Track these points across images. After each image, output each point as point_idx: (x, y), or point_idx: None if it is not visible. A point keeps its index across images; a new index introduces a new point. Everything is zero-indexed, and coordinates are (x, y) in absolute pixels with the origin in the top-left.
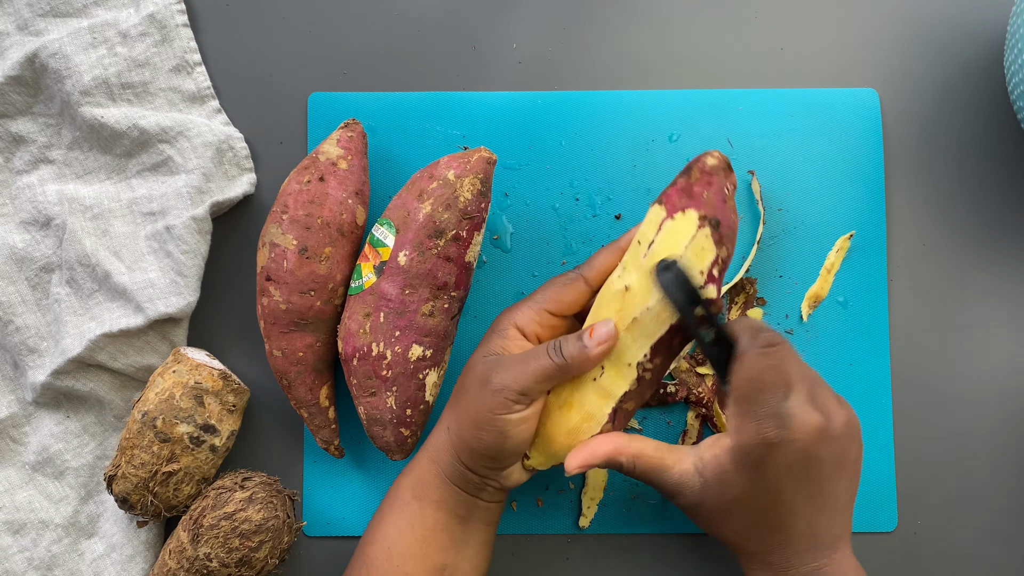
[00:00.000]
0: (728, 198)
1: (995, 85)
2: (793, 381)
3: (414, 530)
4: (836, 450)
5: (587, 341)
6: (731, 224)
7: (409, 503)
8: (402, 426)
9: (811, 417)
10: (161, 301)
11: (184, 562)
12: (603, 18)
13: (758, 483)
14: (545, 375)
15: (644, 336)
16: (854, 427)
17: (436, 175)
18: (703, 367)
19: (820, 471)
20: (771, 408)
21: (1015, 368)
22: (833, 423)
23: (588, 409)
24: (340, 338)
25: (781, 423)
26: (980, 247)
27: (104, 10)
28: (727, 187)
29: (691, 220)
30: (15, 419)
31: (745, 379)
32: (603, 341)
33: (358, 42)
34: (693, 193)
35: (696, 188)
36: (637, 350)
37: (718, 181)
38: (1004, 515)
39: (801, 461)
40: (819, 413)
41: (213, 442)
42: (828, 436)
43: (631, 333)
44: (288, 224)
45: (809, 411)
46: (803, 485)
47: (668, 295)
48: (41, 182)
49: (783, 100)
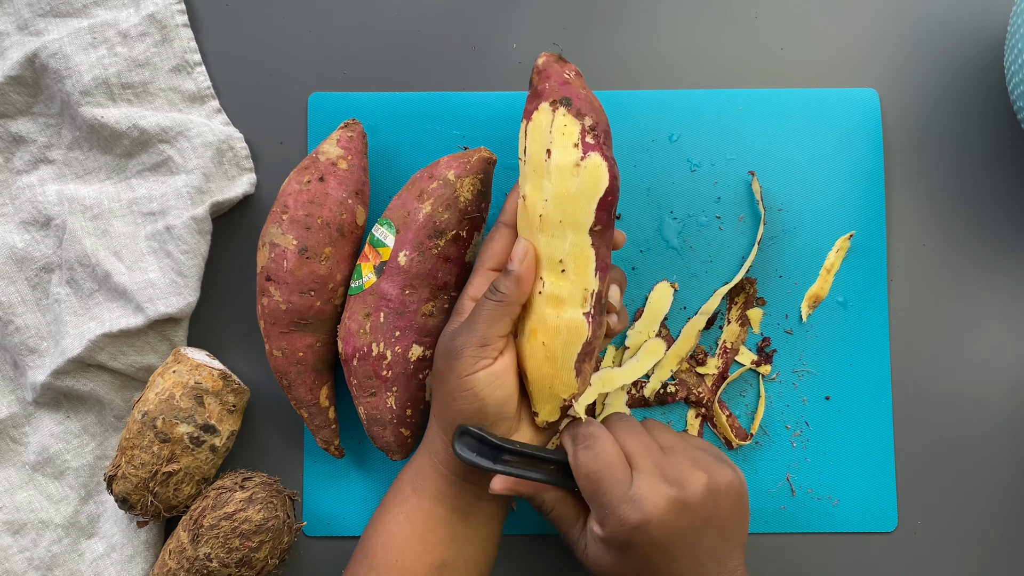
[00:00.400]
0: (572, 80)
1: (995, 85)
2: (634, 459)
3: (412, 524)
4: (700, 515)
5: (510, 266)
6: (583, 96)
7: (408, 497)
8: (402, 426)
9: (661, 493)
10: (161, 301)
11: (184, 562)
12: (603, 18)
13: (629, 564)
14: (492, 316)
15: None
16: (718, 486)
17: (436, 175)
18: (703, 367)
19: (687, 539)
20: (618, 496)
21: (1015, 368)
22: (688, 491)
23: (551, 324)
24: (340, 338)
25: (633, 507)
26: (980, 247)
27: (104, 10)
28: (566, 73)
29: (544, 111)
30: (15, 419)
31: (582, 478)
32: (522, 257)
33: (358, 42)
34: (537, 92)
35: (538, 87)
36: (560, 244)
37: (554, 71)
38: (1004, 515)
39: (664, 535)
40: (669, 486)
41: (213, 442)
42: (685, 506)
43: (545, 233)
44: (288, 224)
45: (658, 487)
46: (674, 555)
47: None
48: (41, 182)
49: (783, 100)
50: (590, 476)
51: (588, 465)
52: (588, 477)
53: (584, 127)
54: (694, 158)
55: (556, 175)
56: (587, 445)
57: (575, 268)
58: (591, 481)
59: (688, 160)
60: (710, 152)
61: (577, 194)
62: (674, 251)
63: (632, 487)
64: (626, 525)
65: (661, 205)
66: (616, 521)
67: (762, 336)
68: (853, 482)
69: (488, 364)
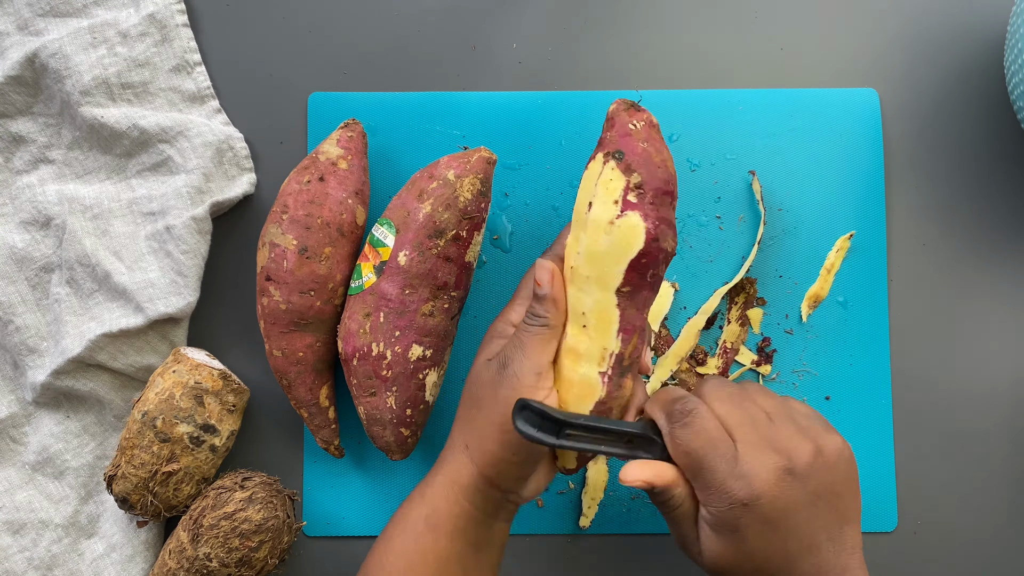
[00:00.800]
0: (635, 131)
1: (995, 85)
2: (736, 432)
3: (427, 564)
4: (811, 486)
5: (537, 290)
6: (639, 151)
7: (423, 534)
8: (402, 426)
9: (769, 466)
10: (161, 301)
11: (184, 562)
12: (603, 18)
13: (745, 546)
14: (543, 341)
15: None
16: (828, 454)
17: (436, 175)
18: (703, 367)
19: (800, 513)
20: (723, 473)
21: (1015, 368)
22: (798, 461)
23: (566, 375)
24: (340, 338)
25: (742, 484)
26: (980, 247)
27: (104, 10)
28: (632, 123)
29: (597, 161)
30: (15, 419)
31: (682, 456)
32: (549, 280)
33: (358, 42)
34: (601, 141)
35: (603, 135)
36: (585, 299)
37: (620, 120)
38: (1004, 515)
39: (777, 511)
40: (778, 457)
41: (213, 442)
42: (796, 477)
43: (573, 285)
44: (288, 224)
45: (765, 460)
46: (789, 532)
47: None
48: (41, 182)
49: (783, 100)
50: (691, 455)
51: (688, 443)
52: (689, 456)
53: (629, 184)
54: (694, 158)
55: (591, 229)
56: (685, 422)
57: (596, 326)
58: (693, 460)
59: (688, 160)
60: (710, 152)
61: (607, 252)
62: None
63: (738, 463)
64: (735, 504)
65: None
66: (724, 500)
67: (762, 336)
68: None
69: (546, 394)
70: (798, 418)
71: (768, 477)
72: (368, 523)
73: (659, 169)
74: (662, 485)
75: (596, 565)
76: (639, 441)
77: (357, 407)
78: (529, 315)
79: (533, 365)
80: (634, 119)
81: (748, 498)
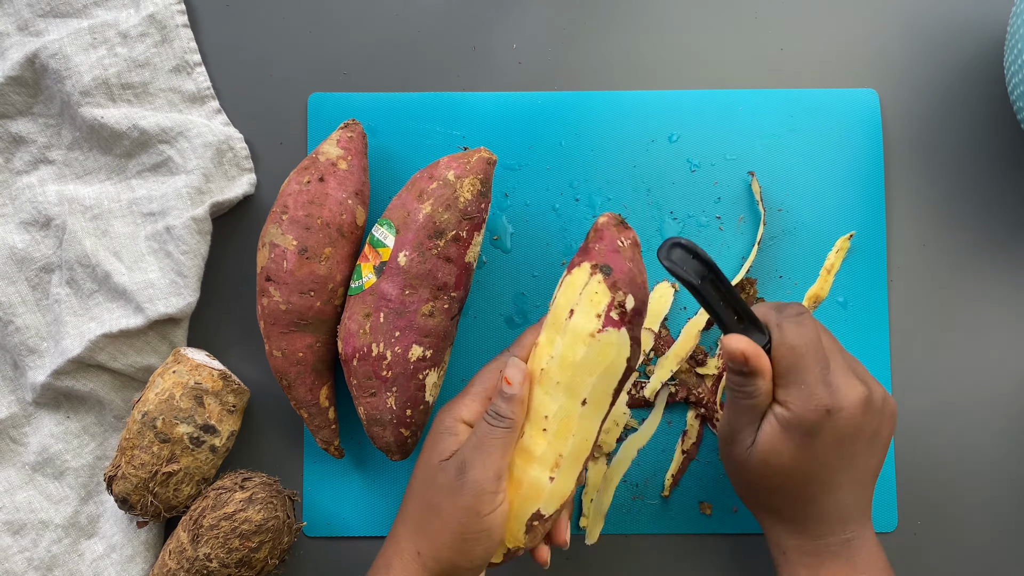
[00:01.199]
0: (623, 249)
1: (995, 85)
2: (831, 351)
3: None
4: (874, 423)
5: (506, 388)
6: (626, 270)
7: None
8: (402, 426)
9: (857, 386)
10: (161, 301)
11: (184, 562)
12: (603, 18)
13: (805, 453)
14: (503, 444)
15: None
16: (890, 402)
17: (436, 175)
18: (703, 367)
19: (859, 444)
20: (816, 376)
21: (1015, 368)
22: (874, 395)
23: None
24: (340, 338)
25: (830, 392)
26: (980, 247)
27: (104, 10)
28: (620, 240)
29: (584, 270)
30: (15, 419)
31: (787, 348)
32: (521, 380)
33: (358, 42)
34: (587, 250)
35: (590, 245)
36: (550, 403)
37: (609, 235)
38: (1004, 515)
39: (848, 431)
40: (861, 384)
41: (213, 442)
42: (871, 407)
43: (541, 387)
44: (288, 224)
45: (852, 381)
46: (845, 457)
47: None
48: (41, 182)
49: (783, 100)
50: (795, 349)
51: (796, 338)
52: (793, 350)
53: (614, 301)
54: (694, 158)
55: (569, 337)
56: (797, 320)
57: (556, 432)
58: (795, 355)
59: (688, 160)
60: (710, 152)
61: (582, 362)
62: None
63: (831, 373)
64: (820, 407)
65: (661, 205)
66: (811, 401)
67: None
68: None
69: (503, 497)
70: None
71: (852, 395)
72: (368, 523)
73: (640, 291)
74: (755, 366)
75: (596, 565)
76: (749, 326)
77: (357, 407)
78: (493, 414)
79: (495, 468)
80: (622, 236)
81: (832, 406)
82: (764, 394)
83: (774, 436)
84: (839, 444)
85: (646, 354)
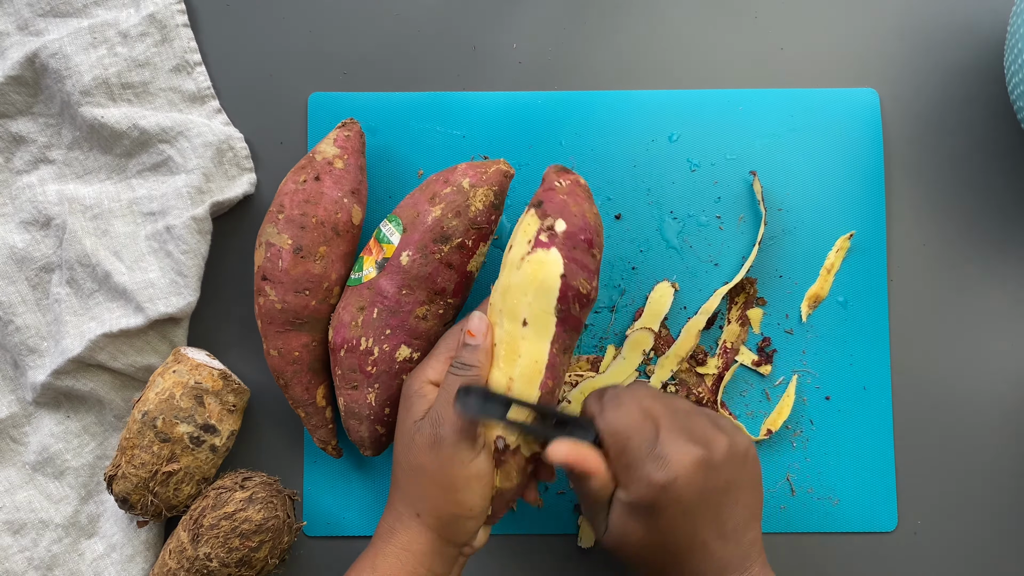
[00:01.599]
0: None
1: (995, 85)
2: (660, 420)
3: None
4: (723, 477)
5: (472, 340)
6: (558, 201)
7: None
8: (378, 423)
9: (690, 451)
10: (161, 301)
11: (184, 562)
12: (603, 18)
13: (654, 529)
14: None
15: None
16: (739, 450)
17: (451, 180)
18: (703, 367)
19: (711, 501)
20: (644, 453)
21: (1015, 368)
22: (713, 451)
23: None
24: (332, 327)
25: (660, 464)
26: (980, 247)
27: (104, 10)
28: (558, 181)
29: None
30: (15, 419)
31: (610, 435)
32: (484, 331)
33: (358, 42)
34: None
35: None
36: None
37: (548, 180)
38: (1004, 515)
39: (691, 496)
40: (696, 445)
41: (213, 442)
42: (711, 466)
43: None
44: (284, 223)
45: (684, 446)
46: (700, 518)
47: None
48: (41, 182)
49: (783, 100)
50: (619, 434)
51: (616, 423)
52: (616, 435)
53: (542, 226)
54: (694, 158)
55: (507, 268)
56: (616, 404)
57: (504, 356)
58: (619, 439)
59: (688, 160)
60: (710, 152)
61: (517, 285)
62: (674, 251)
63: (659, 445)
64: (654, 484)
65: (661, 205)
66: (644, 480)
67: (762, 336)
68: (853, 482)
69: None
70: (712, 416)
71: (685, 461)
72: (368, 523)
73: (575, 217)
74: (582, 468)
75: (596, 565)
76: (574, 428)
77: (338, 397)
78: (458, 364)
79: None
80: (561, 178)
81: (665, 480)
82: (601, 487)
83: (621, 519)
84: (686, 512)
85: (646, 354)
